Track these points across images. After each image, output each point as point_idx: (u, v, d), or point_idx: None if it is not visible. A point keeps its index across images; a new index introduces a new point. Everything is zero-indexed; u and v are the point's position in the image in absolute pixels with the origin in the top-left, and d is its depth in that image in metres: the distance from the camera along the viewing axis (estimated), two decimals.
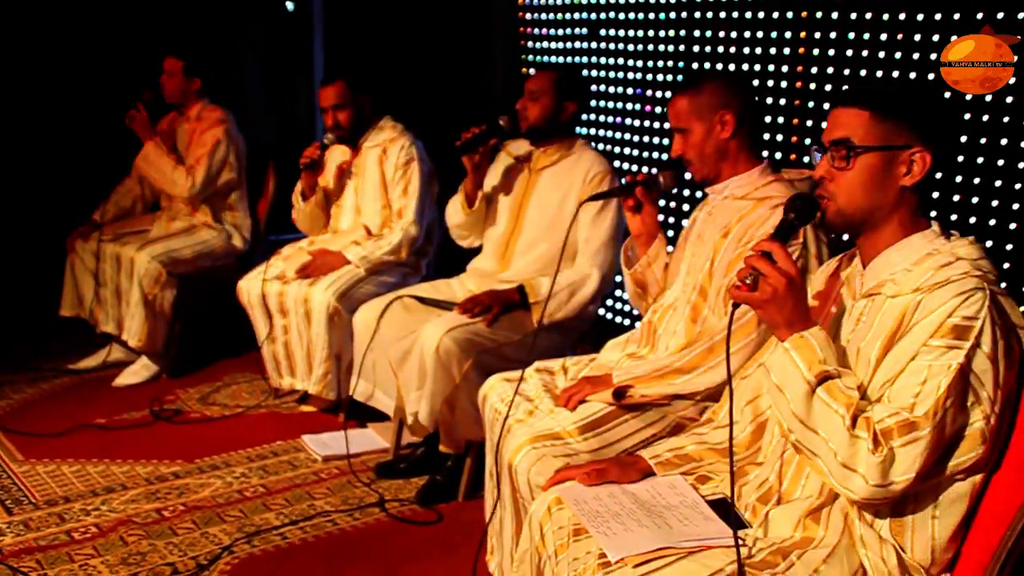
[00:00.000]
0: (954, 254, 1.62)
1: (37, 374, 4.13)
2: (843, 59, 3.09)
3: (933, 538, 1.62)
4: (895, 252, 1.68)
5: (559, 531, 1.81)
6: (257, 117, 5.29)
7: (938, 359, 1.54)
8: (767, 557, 1.64)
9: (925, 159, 1.63)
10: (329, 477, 3.26)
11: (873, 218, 1.68)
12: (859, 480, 1.53)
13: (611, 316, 4.16)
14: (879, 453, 1.51)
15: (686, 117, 2.38)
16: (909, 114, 1.65)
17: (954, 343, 1.53)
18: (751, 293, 1.61)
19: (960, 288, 1.55)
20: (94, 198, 4.44)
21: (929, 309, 1.56)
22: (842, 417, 1.54)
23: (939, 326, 1.54)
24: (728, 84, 2.41)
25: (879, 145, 1.64)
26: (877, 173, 1.65)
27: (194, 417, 3.76)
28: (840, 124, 1.68)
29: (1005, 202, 2.68)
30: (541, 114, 3.16)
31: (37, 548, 2.77)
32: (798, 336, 1.60)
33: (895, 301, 1.63)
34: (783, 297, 1.58)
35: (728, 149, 2.38)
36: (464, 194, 3.35)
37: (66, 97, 4.77)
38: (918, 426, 1.52)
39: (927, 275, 1.60)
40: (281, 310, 3.66)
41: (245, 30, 5.33)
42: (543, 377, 2.56)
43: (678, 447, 1.99)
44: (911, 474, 1.52)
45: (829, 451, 1.55)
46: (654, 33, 3.82)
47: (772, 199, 2.32)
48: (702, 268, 2.41)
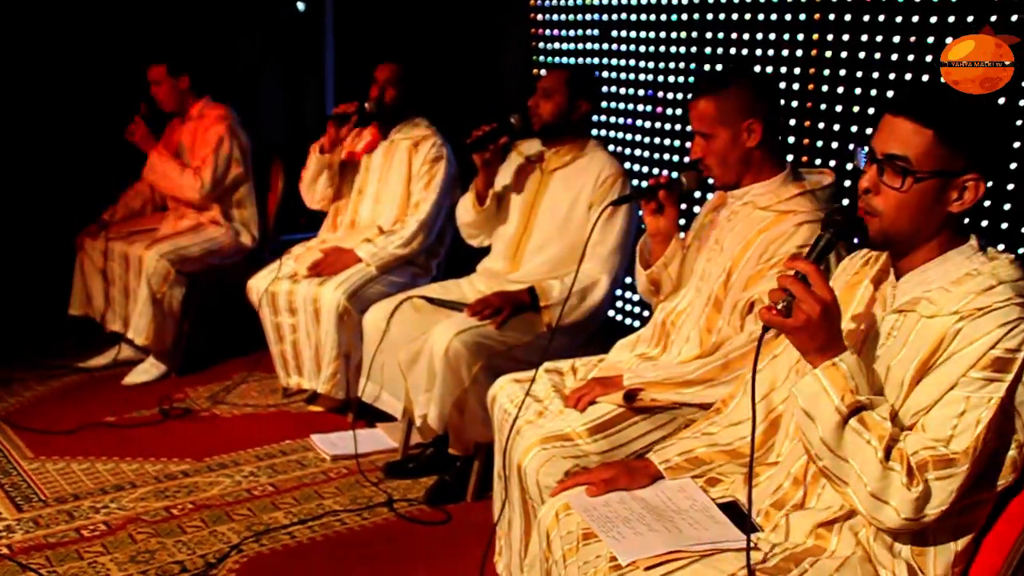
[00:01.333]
0: (995, 276, 1.55)
1: (47, 372, 4.14)
2: (856, 61, 3.07)
3: (953, 555, 1.59)
4: (932, 269, 1.61)
5: (567, 536, 1.80)
6: (268, 117, 5.30)
7: (978, 391, 1.49)
8: (779, 563, 1.63)
9: (979, 187, 1.55)
10: (338, 476, 3.26)
11: (915, 239, 1.61)
12: (891, 512, 1.50)
13: (620, 317, 4.15)
14: (915, 488, 1.47)
15: (710, 122, 2.28)
16: (974, 141, 1.55)
17: (995, 376, 1.48)
18: (784, 319, 1.53)
19: (1004, 318, 1.49)
20: (103, 197, 4.45)
21: (970, 339, 1.50)
22: (875, 449, 1.50)
23: (980, 357, 1.49)
24: (755, 87, 2.32)
25: (938, 171, 1.54)
26: (929, 198, 1.56)
27: (203, 416, 3.77)
28: (898, 137, 1.56)
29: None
30: (554, 111, 3.16)
31: (46, 545, 2.77)
32: (830, 364, 1.53)
33: (931, 322, 1.56)
34: (817, 324, 1.51)
35: (752, 157, 2.30)
36: (475, 192, 3.34)
37: (75, 97, 4.77)
38: (956, 463, 1.48)
39: (967, 299, 1.54)
40: (290, 309, 3.66)
41: (256, 30, 5.33)
42: (552, 378, 2.56)
43: (688, 450, 1.98)
44: (945, 507, 1.49)
45: (859, 481, 1.52)
46: (665, 34, 3.82)
47: (796, 214, 2.24)
48: (718, 278, 2.35)
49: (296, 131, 5.37)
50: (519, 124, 3.22)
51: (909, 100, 1.60)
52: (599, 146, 3.27)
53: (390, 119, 3.81)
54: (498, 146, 3.24)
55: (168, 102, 4.21)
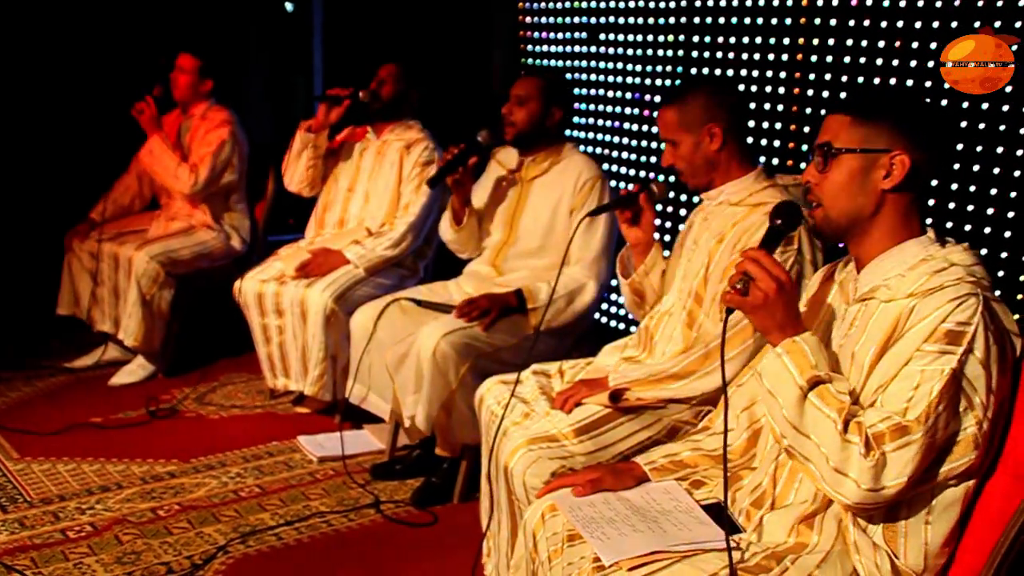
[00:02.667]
0: (948, 260, 1.63)
1: (33, 372, 4.13)
2: (840, 66, 3.09)
3: (926, 543, 1.62)
4: (889, 258, 1.69)
5: (553, 537, 1.81)
6: (256, 118, 5.28)
7: (931, 364, 1.54)
8: (761, 561, 1.64)
9: (904, 163, 1.64)
10: (324, 478, 3.26)
11: (858, 223, 1.70)
12: (851, 484, 1.53)
13: (607, 321, 4.16)
14: (871, 458, 1.52)
15: (673, 129, 2.40)
16: (887, 117, 1.67)
17: (947, 348, 1.54)
18: (742, 298, 1.62)
19: (954, 293, 1.56)
20: (92, 196, 4.44)
21: (923, 314, 1.57)
22: (834, 422, 1.54)
23: (932, 331, 1.55)
24: (714, 94, 2.41)
25: (855, 148, 1.66)
26: (856, 176, 1.67)
27: (190, 417, 3.76)
28: (826, 129, 1.71)
29: (1000, 210, 2.69)
30: (528, 119, 3.16)
31: (32, 546, 2.77)
32: (790, 341, 1.61)
33: (889, 306, 1.63)
34: (774, 302, 1.60)
35: (718, 160, 2.40)
36: (452, 212, 3.35)
37: (64, 95, 4.77)
38: (910, 430, 1.52)
39: (921, 280, 1.61)
40: (277, 310, 3.66)
41: (244, 31, 5.33)
42: (539, 380, 2.57)
43: (673, 453, 2.00)
44: (903, 479, 1.52)
45: (821, 456, 1.56)
46: (652, 38, 3.83)
47: (767, 205, 2.31)
48: (697, 274, 2.42)
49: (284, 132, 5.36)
50: (487, 140, 3.24)
51: (838, 101, 1.75)
52: (575, 149, 3.28)
53: (382, 114, 3.81)
54: (468, 167, 3.25)
55: (183, 92, 4.22)
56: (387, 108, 3.79)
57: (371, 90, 3.74)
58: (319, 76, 5.51)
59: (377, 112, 3.80)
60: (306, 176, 3.91)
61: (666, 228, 3.82)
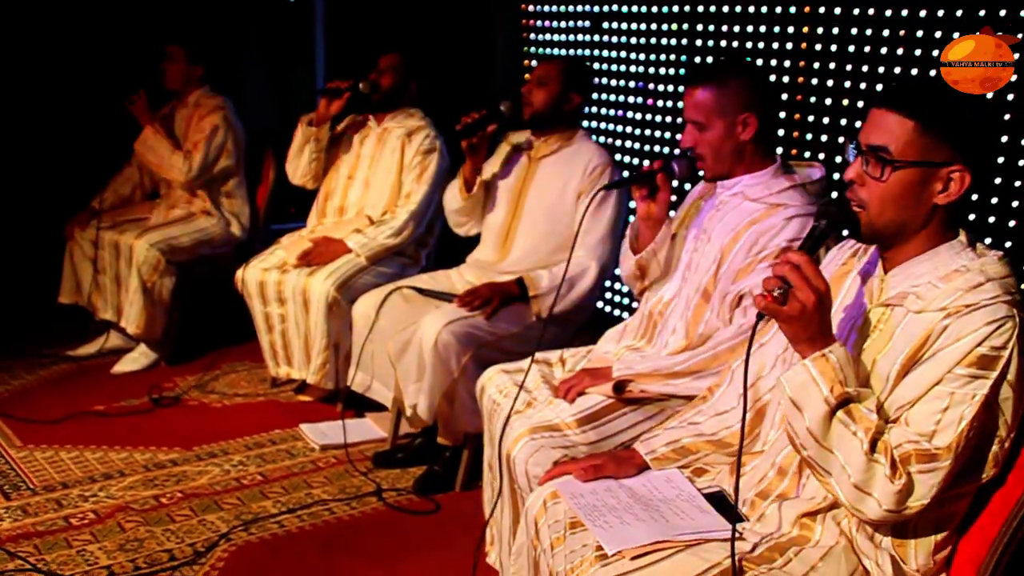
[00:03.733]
0: (984, 273, 1.55)
1: (35, 360, 4.13)
2: (847, 54, 3.08)
3: (933, 545, 1.61)
4: (921, 264, 1.61)
5: (555, 525, 1.81)
6: (258, 106, 5.28)
7: (962, 388, 1.50)
8: (764, 552, 1.64)
9: (964, 179, 1.55)
10: (327, 466, 3.27)
11: (903, 231, 1.61)
12: (873, 504, 1.51)
13: (609, 309, 4.16)
14: (897, 481, 1.49)
15: (706, 112, 2.27)
16: (956, 131, 1.55)
17: (980, 373, 1.49)
18: (779, 307, 1.53)
19: (991, 316, 1.50)
20: (93, 185, 4.43)
21: (957, 335, 1.51)
22: (861, 441, 1.51)
23: (966, 354, 1.50)
24: (753, 81, 2.32)
25: (918, 161, 1.55)
26: (912, 188, 1.57)
27: (192, 405, 3.77)
28: (881, 129, 1.58)
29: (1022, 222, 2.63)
30: (546, 100, 3.16)
31: (35, 533, 2.77)
32: (819, 355, 1.53)
33: (919, 317, 1.57)
34: (811, 314, 1.51)
35: (745, 150, 2.30)
36: (463, 178, 3.34)
37: (65, 84, 4.76)
38: (939, 457, 1.49)
39: (955, 295, 1.54)
40: (279, 299, 3.66)
41: (247, 19, 5.31)
42: (541, 369, 2.56)
43: (674, 440, 1.99)
44: (926, 500, 1.51)
45: (843, 472, 1.53)
46: (657, 26, 3.81)
47: (787, 208, 2.25)
48: (707, 269, 2.34)
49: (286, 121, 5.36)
50: (509, 112, 3.22)
51: (894, 93, 1.61)
52: (587, 136, 3.27)
53: (382, 104, 3.81)
54: (486, 133, 3.24)
55: (174, 81, 4.22)
56: (387, 98, 3.78)
57: (371, 81, 3.74)
58: (321, 62, 5.49)
59: (378, 103, 3.80)
60: (309, 169, 3.91)
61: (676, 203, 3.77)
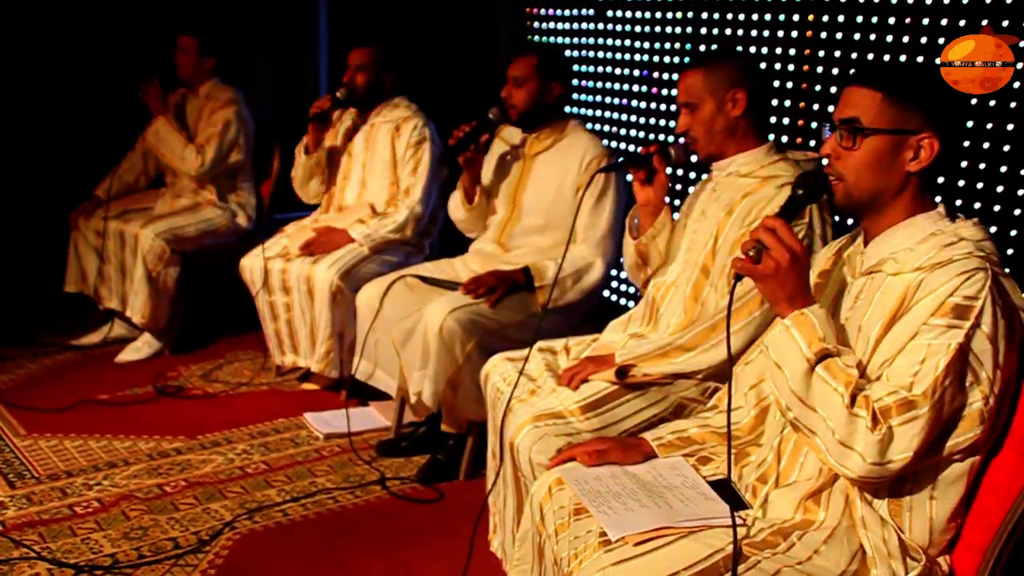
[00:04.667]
0: (957, 235, 1.62)
1: (40, 349, 4.14)
2: (851, 42, 3.06)
3: (931, 519, 1.62)
4: (898, 232, 1.68)
5: (559, 511, 1.81)
6: (262, 97, 5.26)
7: (937, 338, 1.53)
8: (767, 537, 1.64)
9: (933, 145, 1.63)
10: (330, 455, 3.27)
11: (879, 200, 1.68)
12: (856, 458, 1.53)
13: (615, 298, 4.15)
14: (877, 431, 1.51)
15: (698, 92, 2.36)
16: (922, 99, 1.63)
17: (954, 322, 1.53)
18: (754, 266, 1.61)
19: (962, 268, 1.55)
20: (97, 174, 4.43)
21: (930, 288, 1.56)
22: (841, 395, 1.54)
23: (940, 305, 1.54)
24: (742, 62, 2.42)
25: (888, 128, 1.63)
26: (884, 156, 1.64)
27: (196, 394, 3.77)
28: (851, 103, 1.67)
29: (1010, 188, 2.67)
30: (528, 99, 3.15)
31: (40, 522, 2.78)
32: (798, 313, 1.60)
33: (896, 279, 1.63)
34: (786, 272, 1.59)
35: (736, 127, 2.37)
36: (463, 191, 3.35)
37: (70, 74, 4.75)
38: (916, 404, 1.52)
39: (929, 254, 1.60)
40: (284, 288, 3.66)
41: (251, 8, 5.30)
42: (545, 357, 2.57)
43: (680, 430, 2.00)
44: (909, 452, 1.52)
45: (827, 429, 1.55)
46: (661, 15, 3.80)
47: (778, 178, 2.31)
48: (705, 246, 2.40)
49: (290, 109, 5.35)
50: (498, 117, 3.22)
51: (862, 70, 1.70)
52: (579, 126, 3.26)
53: (364, 103, 3.81)
54: (479, 144, 3.24)
55: (185, 72, 4.22)
56: (366, 96, 3.78)
57: (345, 85, 3.73)
58: (324, 52, 5.48)
59: (359, 103, 3.79)
60: (320, 188, 3.96)
61: (677, 192, 3.77)
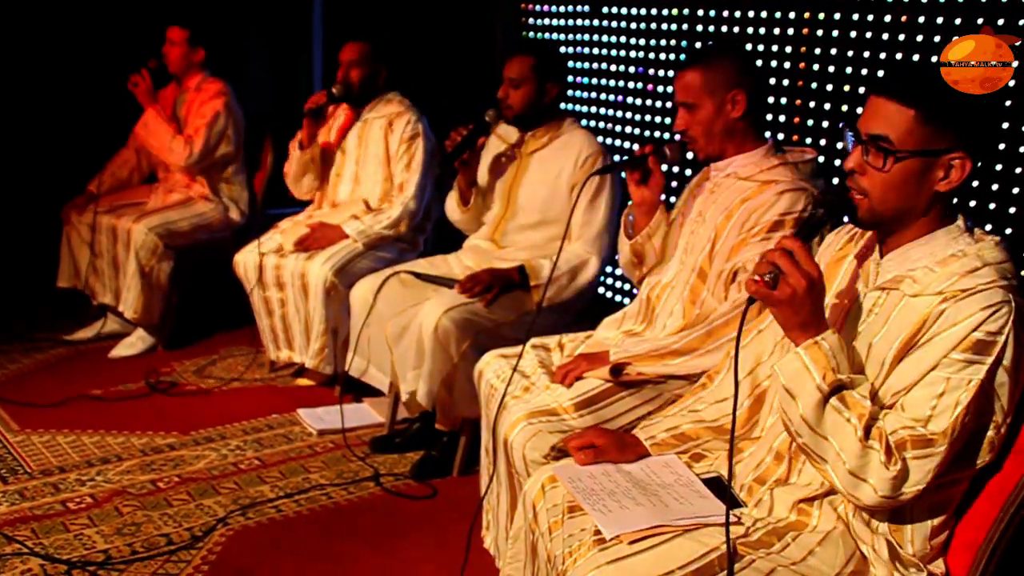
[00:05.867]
0: (981, 258, 1.55)
1: (33, 345, 4.13)
2: (847, 40, 3.06)
3: (930, 530, 1.61)
4: (918, 248, 1.62)
5: (553, 509, 1.81)
6: (256, 91, 5.25)
7: (958, 372, 1.50)
8: (762, 537, 1.64)
9: (965, 166, 1.55)
10: (324, 451, 3.27)
11: (904, 218, 1.62)
12: (868, 490, 1.52)
13: (610, 295, 4.15)
14: (892, 467, 1.49)
15: (696, 92, 2.32)
16: (957, 119, 1.56)
17: (975, 358, 1.49)
18: (770, 291, 1.54)
19: (987, 301, 1.50)
20: (90, 169, 4.42)
21: (953, 320, 1.51)
22: (854, 427, 1.51)
23: (962, 340, 1.50)
24: (741, 60, 2.38)
25: (920, 150, 1.55)
26: (913, 176, 1.57)
27: (190, 389, 3.76)
28: (881, 117, 1.57)
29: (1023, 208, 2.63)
30: (524, 100, 3.14)
31: (32, 517, 2.77)
32: (812, 343, 1.54)
33: (915, 301, 1.57)
34: (802, 299, 1.52)
35: (736, 128, 2.34)
36: (459, 193, 3.34)
37: (62, 68, 4.73)
38: (934, 443, 1.49)
39: (951, 280, 1.54)
40: (278, 283, 3.66)
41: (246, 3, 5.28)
42: (539, 353, 2.56)
43: (673, 427, 1.99)
44: (922, 485, 1.51)
45: (838, 459, 1.53)
46: (657, 11, 3.79)
47: (778, 184, 2.27)
48: (702, 249, 2.38)
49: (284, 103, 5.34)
50: (494, 119, 3.23)
51: (893, 80, 1.62)
52: (575, 124, 3.25)
53: (360, 99, 3.80)
54: (476, 147, 3.24)
55: (176, 64, 4.20)
56: (362, 92, 3.76)
57: (341, 82, 3.72)
58: (319, 46, 5.47)
59: (356, 99, 3.78)
60: (314, 184, 3.94)
61: (672, 189, 3.77)
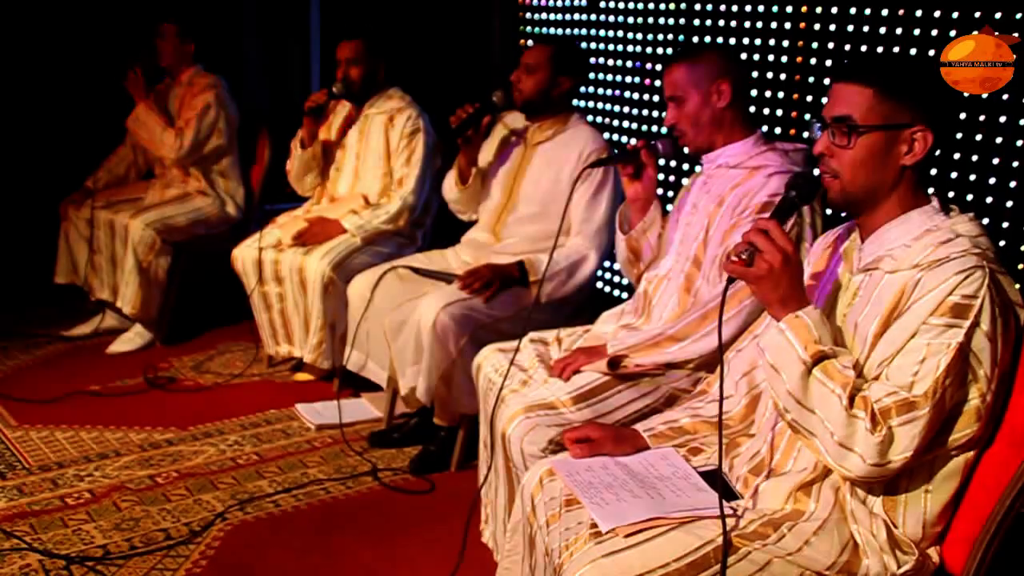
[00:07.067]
0: (954, 231, 1.61)
1: (31, 340, 4.13)
2: (844, 34, 3.06)
3: (925, 512, 1.63)
4: (894, 228, 1.67)
5: (551, 502, 1.82)
6: (253, 85, 5.25)
7: (937, 337, 1.53)
8: (758, 528, 1.64)
9: (927, 138, 1.62)
10: (322, 446, 3.27)
11: (875, 196, 1.67)
12: (856, 459, 1.53)
13: (608, 289, 4.15)
14: (878, 433, 1.51)
15: (683, 86, 2.39)
16: (914, 93, 1.63)
17: (953, 321, 1.52)
18: (746, 268, 1.60)
19: (960, 266, 1.54)
20: (87, 164, 4.42)
21: (929, 287, 1.55)
22: (839, 397, 1.53)
23: (939, 304, 1.53)
24: (725, 54, 2.45)
25: (881, 124, 1.62)
26: (878, 152, 1.63)
27: (188, 385, 3.76)
28: (842, 100, 1.65)
29: (1002, 180, 2.67)
30: (535, 88, 3.14)
31: (31, 513, 2.77)
32: (792, 316, 1.59)
33: (893, 277, 1.62)
34: (779, 274, 1.57)
35: (723, 119, 2.39)
36: (458, 170, 3.34)
37: (59, 63, 4.72)
38: (917, 406, 1.52)
39: (926, 252, 1.59)
40: (276, 278, 3.66)
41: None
42: (537, 347, 2.57)
43: (672, 420, 2.00)
44: (909, 452, 1.52)
45: (825, 430, 1.55)
46: (654, 6, 3.79)
47: (767, 167, 2.32)
48: (696, 238, 2.41)
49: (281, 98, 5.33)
50: (502, 101, 3.22)
51: (850, 65, 1.70)
52: (582, 120, 3.25)
53: (360, 96, 3.79)
54: (480, 126, 3.24)
55: (168, 58, 4.21)
56: (364, 88, 3.76)
57: (341, 80, 3.71)
58: (316, 41, 5.46)
59: (357, 96, 3.78)
60: (317, 182, 3.94)
61: (668, 183, 3.77)
